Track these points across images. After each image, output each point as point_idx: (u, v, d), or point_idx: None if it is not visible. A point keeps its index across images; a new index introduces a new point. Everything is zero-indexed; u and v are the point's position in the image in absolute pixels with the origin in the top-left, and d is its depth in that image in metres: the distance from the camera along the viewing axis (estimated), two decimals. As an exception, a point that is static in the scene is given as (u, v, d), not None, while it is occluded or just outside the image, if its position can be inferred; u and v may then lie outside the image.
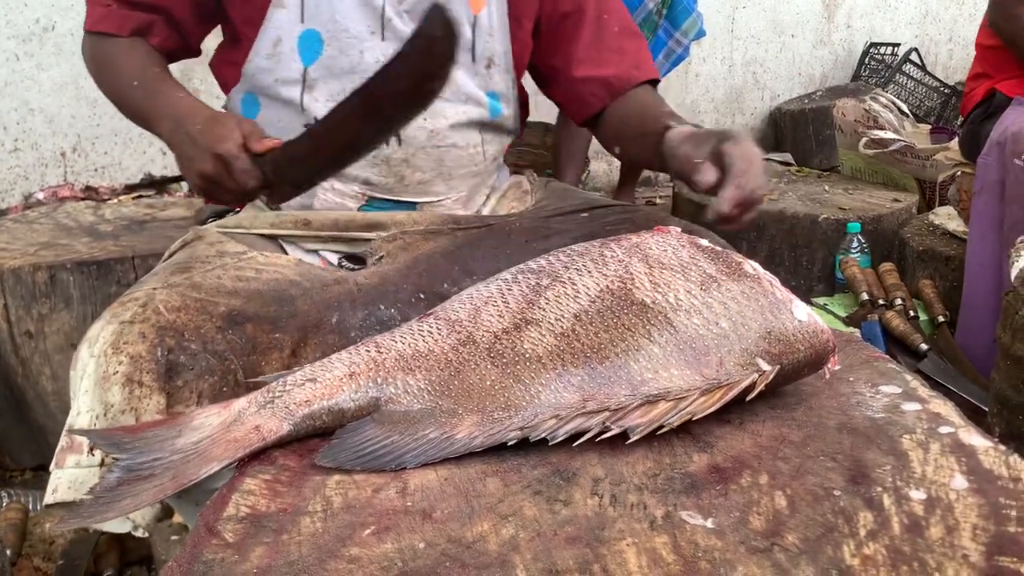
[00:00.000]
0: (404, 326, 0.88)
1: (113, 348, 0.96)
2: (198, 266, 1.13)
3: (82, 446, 0.96)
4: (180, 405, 0.98)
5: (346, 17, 1.18)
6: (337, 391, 0.81)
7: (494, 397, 0.79)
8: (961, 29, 5.17)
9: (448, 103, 1.25)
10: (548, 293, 0.85)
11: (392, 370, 0.82)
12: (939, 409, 0.84)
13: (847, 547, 0.65)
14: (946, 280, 2.28)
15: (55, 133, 2.97)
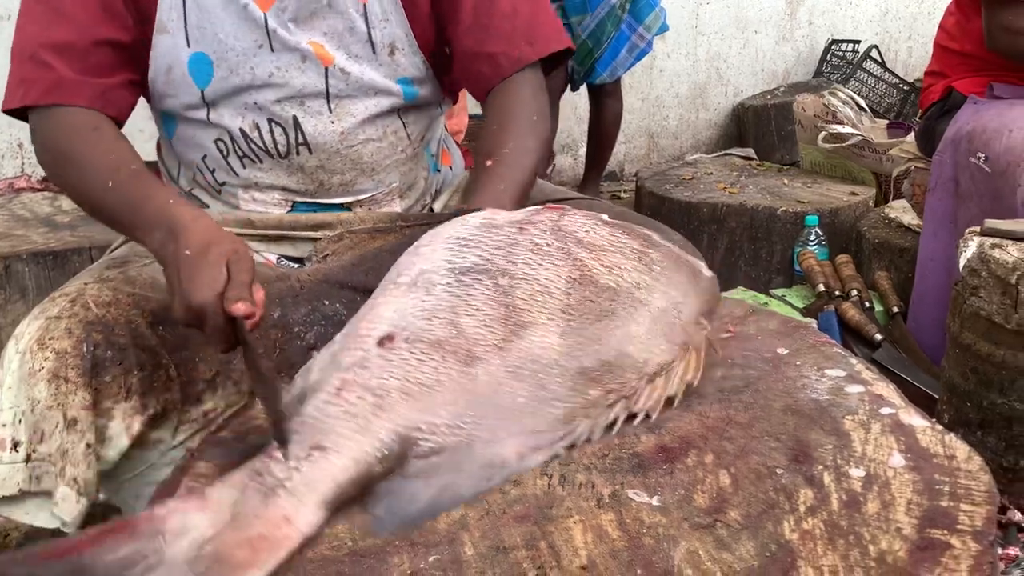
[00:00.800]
0: (371, 358, 0.75)
1: (38, 344, 0.95)
2: (135, 260, 1.11)
3: (4, 442, 0.95)
4: (108, 400, 0.97)
5: (230, 36, 1.13)
6: (360, 454, 0.69)
7: (531, 413, 0.75)
8: (920, 27, 5.26)
9: (354, 100, 1.19)
10: (518, 292, 0.80)
11: (407, 413, 0.71)
12: (881, 391, 0.86)
13: (787, 523, 0.67)
14: (901, 272, 2.33)
15: (11, 124, 2.91)
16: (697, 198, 2.76)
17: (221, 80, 1.15)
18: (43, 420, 0.94)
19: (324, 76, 1.16)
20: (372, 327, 0.79)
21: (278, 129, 1.18)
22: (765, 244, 2.64)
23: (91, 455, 0.95)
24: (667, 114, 4.42)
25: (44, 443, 0.94)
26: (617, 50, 3.14)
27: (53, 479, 0.94)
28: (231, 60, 1.14)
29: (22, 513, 0.96)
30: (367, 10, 1.17)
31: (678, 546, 0.65)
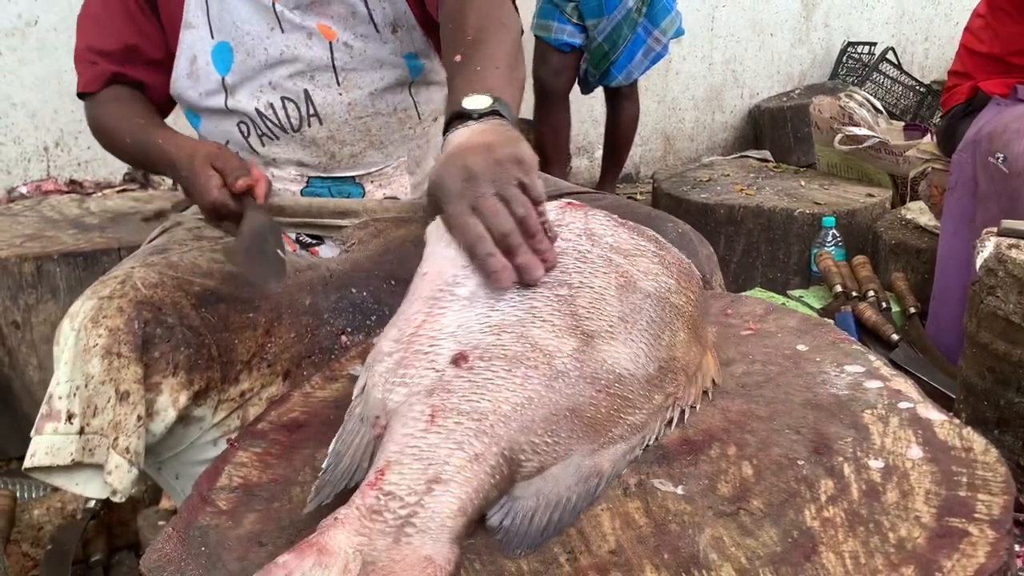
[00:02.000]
0: (451, 380, 0.71)
1: (92, 322, 1.01)
2: (176, 247, 1.18)
3: (60, 414, 1.00)
4: (157, 375, 1.02)
5: (246, 22, 1.23)
6: (478, 482, 0.66)
7: (616, 422, 0.75)
8: (937, 29, 5.25)
9: (360, 73, 1.26)
10: (579, 302, 0.78)
11: (508, 435, 0.69)
12: (899, 386, 0.88)
13: (808, 511, 0.69)
14: (917, 273, 2.34)
15: (38, 128, 2.98)
16: (714, 200, 2.77)
17: (241, 63, 1.24)
18: (96, 395, 0.99)
19: (329, 50, 1.24)
20: (435, 343, 0.74)
21: (291, 105, 1.26)
22: (782, 245, 2.66)
23: (142, 427, 1.00)
24: (683, 116, 4.44)
25: (97, 416, 0.99)
26: (633, 53, 3.16)
27: (104, 452, 0.99)
28: (248, 44, 1.23)
29: (73, 484, 1.01)
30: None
31: (703, 532, 0.67)
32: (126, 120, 1.30)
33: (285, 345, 1.10)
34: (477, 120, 0.86)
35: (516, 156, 0.79)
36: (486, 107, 0.87)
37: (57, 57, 2.91)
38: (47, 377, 1.89)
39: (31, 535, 1.56)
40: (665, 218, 1.25)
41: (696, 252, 1.23)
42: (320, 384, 0.93)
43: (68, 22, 2.89)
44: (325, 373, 0.95)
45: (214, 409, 1.06)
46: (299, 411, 0.88)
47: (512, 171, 0.78)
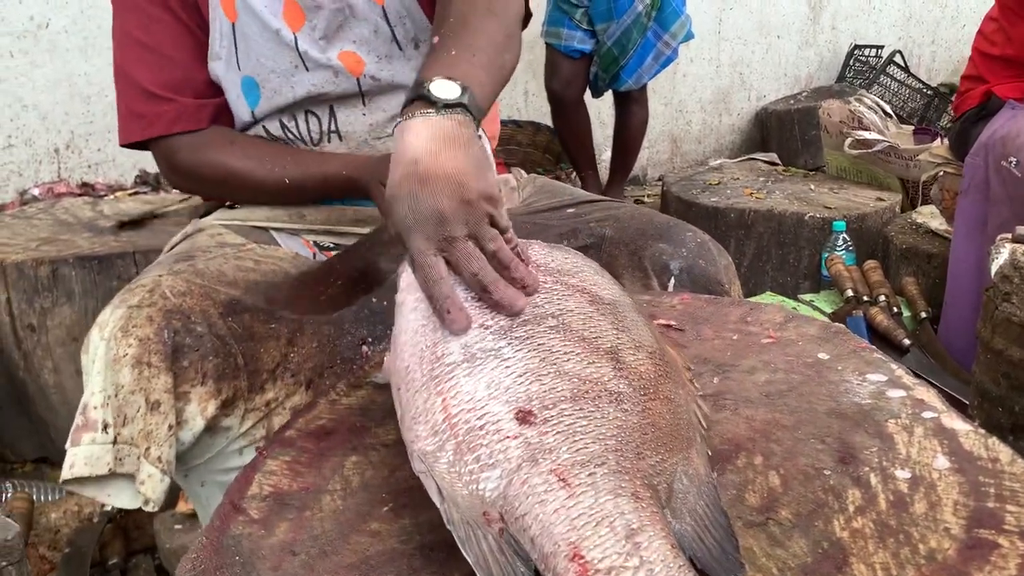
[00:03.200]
0: (535, 439, 0.66)
1: (122, 331, 1.01)
2: (200, 255, 1.17)
3: (96, 423, 1.00)
4: (186, 384, 1.02)
5: (269, 59, 1.22)
6: (659, 518, 0.62)
7: (677, 425, 0.73)
8: (944, 32, 5.25)
9: (387, 96, 1.26)
10: (573, 325, 0.76)
11: (632, 467, 0.66)
12: (923, 396, 0.88)
13: (837, 521, 0.70)
14: (929, 277, 2.34)
15: (49, 130, 2.99)
16: (724, 203, 2.78)
17: (267, 100, 1.24)
18: (126, 404, 0.99)
19: (357, 84, 1.24)
20: (480, 414, 0.68)
21: (313, 119, 1.25)
22: (792, 249, 2.66)
23: (172, 436, 1.00)
24: (690, 119, 4.45)
25: (127, 426, 0.99)
26: (643, 57, 3.17)
27: (135, 461, 0.99)
28: (273, 82, 1.23)
29: (105, 494, 1.01)
30: (385, 11, 1.23)
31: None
32: (264, 154, 1.22)
33: (308, 355, 1.11)
34: (439, 111, 0.81)
35: (486, 193, 0.76)
36: (452, 98, 0.82)
37: (68, 59, 2.92)
38: (62, 380, 1.91)
39: (48, 538, 1.57)
40: (684, 227, 1.25)
41: (715, 262, 1.23)
42: (345, 391, 0.94)
43: (79, 24, 2.91)
44: (349, 380, 0.96)
45: (241, 418, 1.06)
46: (326, 418, 0.88)
47: (483, 209, 0.76)
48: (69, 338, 1.86)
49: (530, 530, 0.61)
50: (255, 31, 1.20)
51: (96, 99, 3.00)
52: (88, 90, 2.98)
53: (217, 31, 1.22)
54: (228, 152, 1.22)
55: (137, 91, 1.22)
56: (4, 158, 2.92)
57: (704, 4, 4.27)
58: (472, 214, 0.75)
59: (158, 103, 1.21)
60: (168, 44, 1.22)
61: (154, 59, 1.22)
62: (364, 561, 0.67)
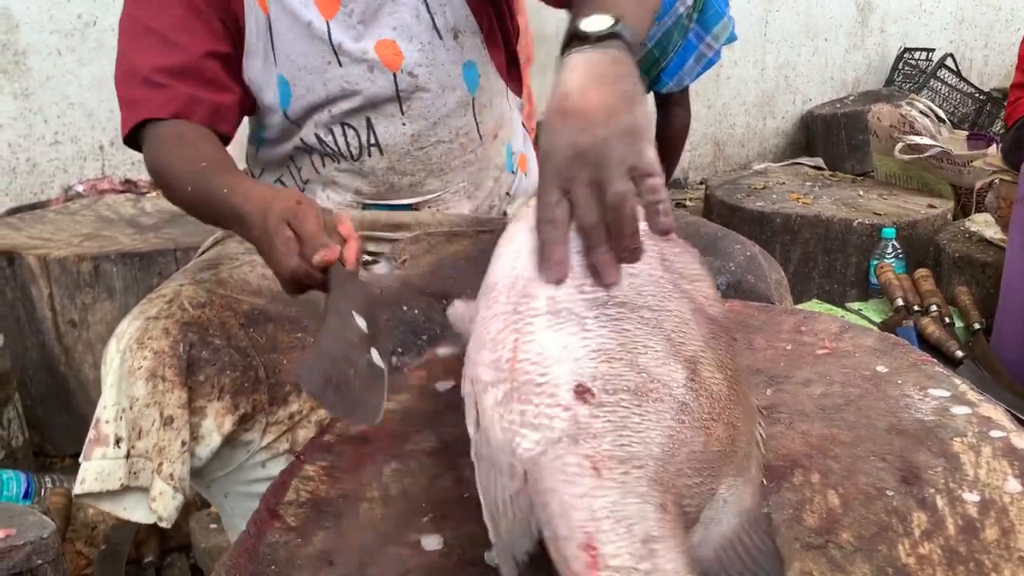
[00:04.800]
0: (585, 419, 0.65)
1: (138, 344, 0.99)
2: (226, 262, 1.15)
3: (108, 438, 0.98)
4: (202, 399, 1.00)
5: (300, 56, 1.16)
6: (679, 533, 0.62)
7: (737, 452, 0.70)
8: (997, 35, 5.13)
9: (424, 101, 1.20)
10: (666, 325, 0.73)
11: (669, 480, 0.64)
12: (989, 413, 0.84)
13: (902, 546, 0.66)
14: (982, 287, 2.27)
15: (94, 127, 3.02)
16: (770, 208, 2.72)
17: (299, 99, 1.18)
18: (140, 417, 0.97)
19: (393, 81, 1.18)
20: (547, 373, 0.68)
21: (351, 132, 1.20)
22: (840, 256, 2.60)
23: (186, 452, 0.98)
24: (734, 122, 4.38)
25: (142, 439, 0.98)
26: (684, 59, 3.12)
27: (149, 475, 0.98)
28: (305, 80, 1.17)
29: (120, 508, 0.99)
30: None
31: (791, 566, 0.64)
32: (190, 165, 1.09)
33: None
34: (594, 45, 0.78)
35: (629, 128, 0.73)
36: (605, 29, 0.79)
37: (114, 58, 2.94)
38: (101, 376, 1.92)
39: (85, 534, 1.57)
40: (733, 239, 1.21)
41: (766, 277, 1.18)
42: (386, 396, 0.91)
43: (126, 23, 2.94)
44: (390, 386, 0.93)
45: (262, 432, 1.03)
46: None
47: (619, 149, 0.72)
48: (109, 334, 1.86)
49: (550, 506, 0.60)
50: (286, 25, 1.15)
51: (141, 97, 3.03)
52: (133, 88, 3.01)
53: (253, 25, 1.16)
54: (169, 152, 1.11)
55: (135, 78, 1.13)
56: (50, 154, 2.96)
57: (750, 6, 4.20)
58: (605, 155, 0.72)
59: (153, 89, 1.11)
60: (176, 29, 1.12)
61: (158, 43, 1.12)
62: (403, 575, 0.64)
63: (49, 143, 2.94)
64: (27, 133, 2.89)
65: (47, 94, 2.91)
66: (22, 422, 1.85)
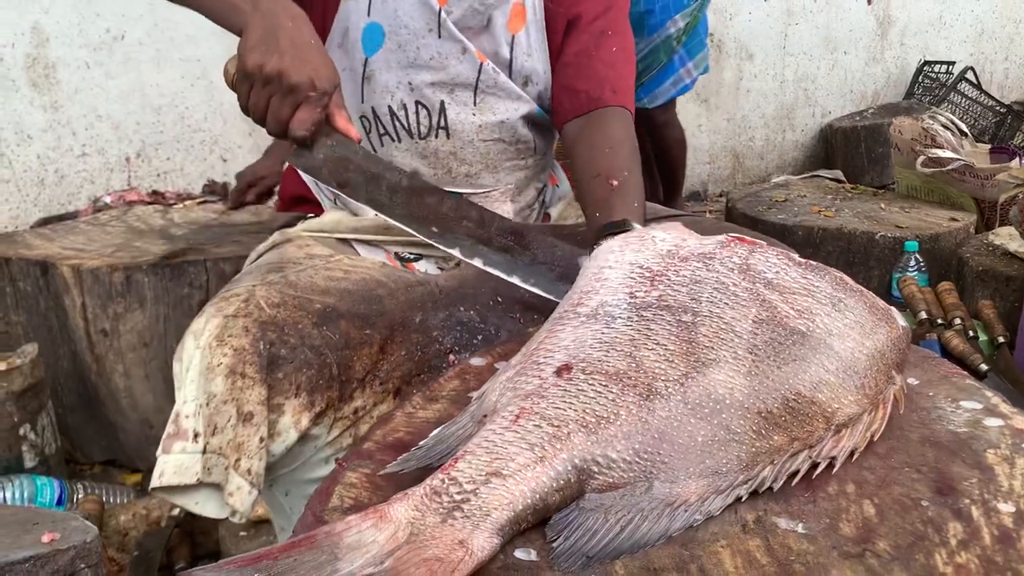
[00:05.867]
0: (548, 387, 0.75)
1: (218, 340, 1.00)
2: (290, 266, 1.17)
3: (187, 432, 0.99)
4: (280, 396, 1.02)
5: (407, 14, 1.22)
6: (537, 484, 0.68)
7: (712, 454, 0.72)
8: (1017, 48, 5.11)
9: (498, 99, 1.28)
10: (702, 330, 0.78)
11: (583, 446, 0.70)
12: (1022, 426, 0.85)
13: (939, 555, 0.67)
14: (1007, 301, 2.26)
15: (121, 139, 3.07)
16: (792, 221, 2.73)
17: (388, 52, 1.24)
18: (217, 414, 0.99)
19: (477, 70, 1.25)
20: (550, 355, 0.78)
21: (423, 111, 1.26)
22: (863, 269, 2.60)
23: (263, 448, 1.00)
24: (753, 135, 4.39)
25: (216, 436, 0.99)
26: (663, 79, 3.15)
27: (222, 471, 0.99)
28: (402, 36, 1.23)
29: (192, 503, 1.01)
30: (515, 41, 1.27)
31: (829, 574, 0.65)
32: None
33: (397, 363, 1.10)
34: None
35: None
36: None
37: (141, 71, 2.99)
38: (132, 385, 1.95)
39: (117, 540, 1.59)
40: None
41: None
42: (422, 404, 0.93)
43: (153, 36, 2.98)
44: (425, 393, 0.95)
45: (329, 427, 1.06)
46: (403, 431, 0.87)
47: None
48: (140, 343, 1.90)
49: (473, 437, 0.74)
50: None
51: (167, 110, 3.07)
52: (159, 101, 3.05)
53: None
54: None
55: None
56: (78, 166, 3.00)
57: (769, 19, 4.22)
58: None
59: None
60: None
61: None
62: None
63: (77, 155, 2.99)
64: (56, 145, 2.94)
65: (75, 107, 2.95)
66: (55, 430, 1.88)
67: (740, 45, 4.21)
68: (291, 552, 0.63)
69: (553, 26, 1.32)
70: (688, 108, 3.93)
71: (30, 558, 1.05)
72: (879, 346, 0.84)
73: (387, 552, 0.63)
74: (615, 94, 1.29)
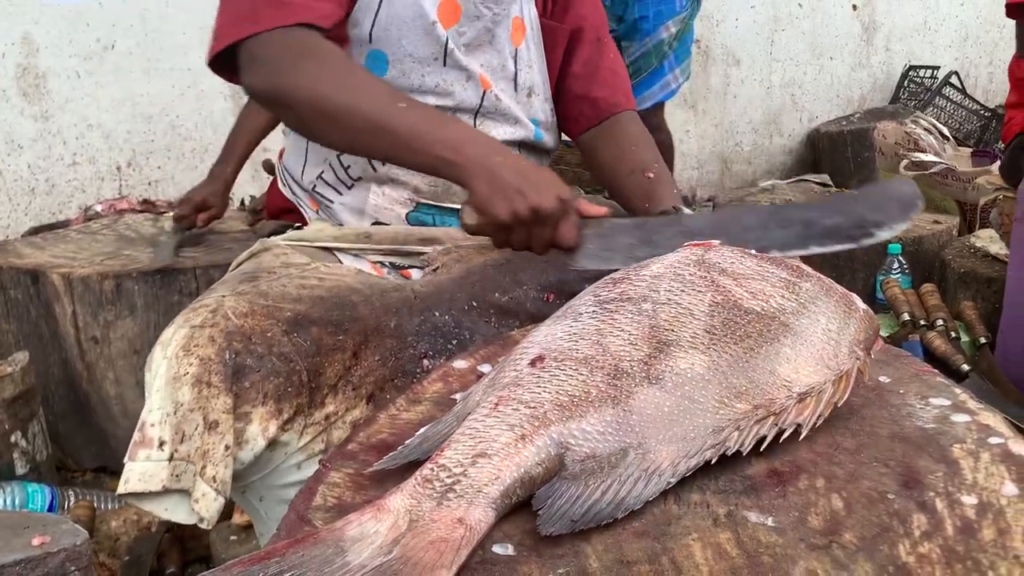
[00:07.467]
0: (524, 377, 0.80)
1: (184, 350, 1.03)
2: (265, 275, 1.19)
3: (152, 440, 1.02)
4: (247, 405, 1.03)
5: (411, 44, 1.24)
6: (520, 459, 0.73)
7: (679, 422, 0.77)
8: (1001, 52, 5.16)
9: (497, 123, 1.31)
10: (661, 315, 0.84)
11: (560, 421, 0.76)
12: (988, 421, 0.87)
13: (903, 546, 0.69)
14: (988, 302, 2.29)
15: (111, 148, 3.08)
16: (776, 225, 2.75)
17: (391, 79, 1.26)
18: (184, 422, 1.01)
19: (481, 97, 1.29)
20: (524, 351, 0.84)
21: None
22: (847, 272, 2.63)
23: (229, 456, 1.02)
24: (740, 140, 4.42)
25: (184, 443, 1.01)
26: (652, 83, 3.17)
27: (191, 478, 1.01)
28: (407, 65, 1.26)
29: (162, 509, 1.02)
30: (518, 53, 1.31)
31: (796, 565, 0.67)
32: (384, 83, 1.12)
33: (370, 368, 1.12)
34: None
35: None
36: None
37: (132, 80, 3.01)
38: (123, 392, 1.96)
39: (108, 546, 1.61)
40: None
41: None
42: (405, 406, 0.95)
43: (143, 47, 3.00)
44: (408, 395, 0.97)
45: (300, 433, 1.07)
46: (387, 432, 0.89)
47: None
48: (131, 351, 1.91)
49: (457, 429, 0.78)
50: (408, 13, 1.23)
51: (157, 119, 3.09)
52: (150, 110, 3.06)
53: (364, 1, 1.22)
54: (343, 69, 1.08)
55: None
56: (69, 175, 3.02)
57: (756, 25, 4.26)
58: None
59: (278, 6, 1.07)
60: None
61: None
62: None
63: (68, 164, 3.00)
64: (46, 154, 2.96)
65: (66, 116, 2.97)
66: (46, 437, 1.89)
67: (727, 51, 4.25)
68: (297, 548, 0.66)
69: (551, 41, 1.36)
70: (676, 114, 3.96)
71: (20, 561, 1.06)
72: (836, 323, 0.88)
73: (392, 540, 0.67)
74: (627, 99, 1.41)
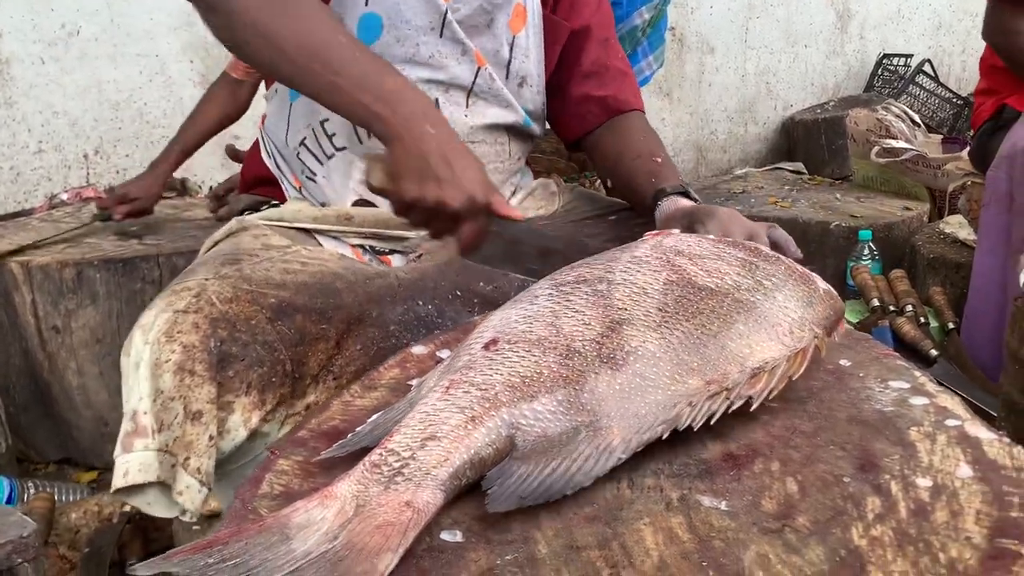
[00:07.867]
0: (478, 359, 0.79)
1: (167, 336, 0.98)
2: (246, 258, 1.15)
3: (147, 429, 0.97)
4: (230, 395, 1.00)
5: (409, 9, 1.20)
6: (470, 440, 0.72)
7: (631, 399, 0.77)
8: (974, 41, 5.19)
9: (488, 104, 1.29)
10: (616, 295, 0.84)
11: (511, 403, 0.75)
12: (946, 403, 0.87)
13: (855, 529, 0.68)
14: (956, 287, 2.30)
15: (78, 136, 3.03)
16: (747, 212, 2.74)
17: (385, 45, 1.21)
18: (164, 411, 0.97)
19: (475, 74, 1.26)
20: (479, 336, 0.83)
21: None
22: (818, 258, 2.64)
23: (212, 447, 0.98)
24: (715, 128, 4.43)
25: (163, 433, 0.97)
26: None
27: (168, 469, 0.97)
28: (402, 31, 1.21)
29: (145, 503, 0.99)
30: (515, 42, 1.28)
31: (748, 549, 0.66)
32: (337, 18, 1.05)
33: (352, 358, 1.09)
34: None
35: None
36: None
37: (98, 67, 2.95)
38: (86, 382, 1.93)
39: (68, 538, 1.58)
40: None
41: None
42: (360, 392, 0.93)
43: (109, 32, 2.95)
44: (364, 382, 0.95)
45: (280, 424, 1.04)
46: (339, 419, 0.88)
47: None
48: (93, 340, 1.88)
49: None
50: None
51: (124, 106, 3.04)
52: (117, 97, 3.01)
53: None
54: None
55: None
56: (34, 163, 2.96)
57: (731, 13, 4.25)
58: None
59: None
60: None
61: None
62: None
63: (33, 152, 2.95)
64: (11, 142, 2.90)
65: (31, 103, 2.92)
66: (6, 429, 1.86)
67: (701, 39, 4.24)
68: (241, 536, 0.64)
69: (552, 36, 1.33)
70: (651, 102, 3.95)
71: (-34, 553, 1.04)
72: (794, 300, 0.87)
73: (339, 526, 0.65)
74: (636, 98, 1.39)
